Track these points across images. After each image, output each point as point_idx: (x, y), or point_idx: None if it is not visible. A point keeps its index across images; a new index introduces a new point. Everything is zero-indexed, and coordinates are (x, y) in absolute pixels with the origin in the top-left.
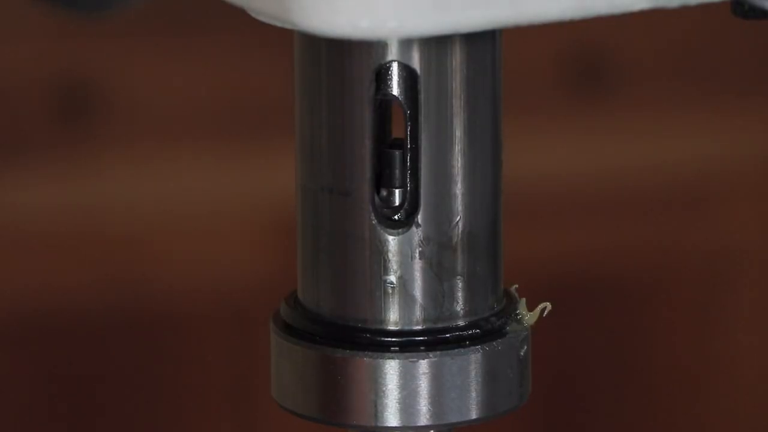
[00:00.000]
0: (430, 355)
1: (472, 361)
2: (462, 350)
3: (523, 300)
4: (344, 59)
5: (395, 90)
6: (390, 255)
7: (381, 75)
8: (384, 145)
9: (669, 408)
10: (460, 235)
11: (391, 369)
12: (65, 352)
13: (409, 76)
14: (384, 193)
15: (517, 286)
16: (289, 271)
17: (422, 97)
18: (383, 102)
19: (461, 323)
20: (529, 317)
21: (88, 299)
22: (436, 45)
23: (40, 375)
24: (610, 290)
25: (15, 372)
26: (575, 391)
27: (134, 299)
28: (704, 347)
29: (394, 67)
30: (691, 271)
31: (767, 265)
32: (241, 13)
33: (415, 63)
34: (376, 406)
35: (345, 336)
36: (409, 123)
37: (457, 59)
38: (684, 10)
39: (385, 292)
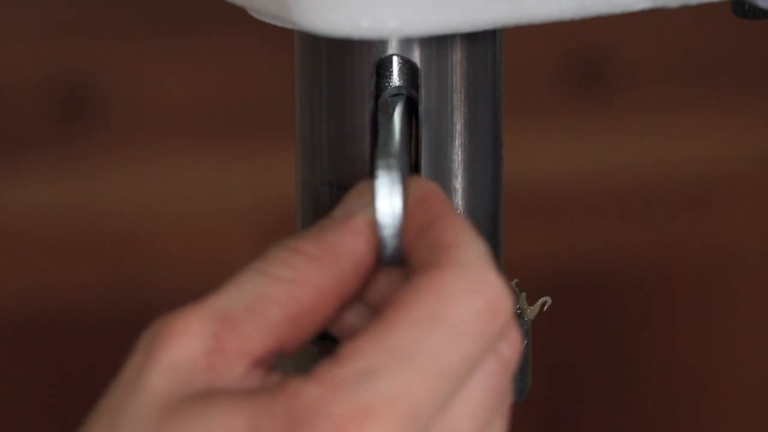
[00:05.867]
0: None
1: None
2: None
3: (524, 294)
4: (344, 53)
5: (395, 84)
6: None
7: (381, 69)
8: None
9: (668, 405)
10: None
11: None
12: (65, 351)
13: (409, 70)
14: None
15: (517, 280)
16: None
17: (422, 91)
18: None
19: None
20: (530, 311)
21: (88, 299)
22: (436, 40)
23: (39, 375)
24: (610, 288)
25: (15, 372)
26: (575, 387)
27: (134, 299)
28: (704, 346)
29: (395, 61)
30: (691, 271)
31: (767, 265)
32: (242, 13)
33: (416, 57)
34: None
35: None
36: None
37: (457, 54)
38: (684, 10)
39: None
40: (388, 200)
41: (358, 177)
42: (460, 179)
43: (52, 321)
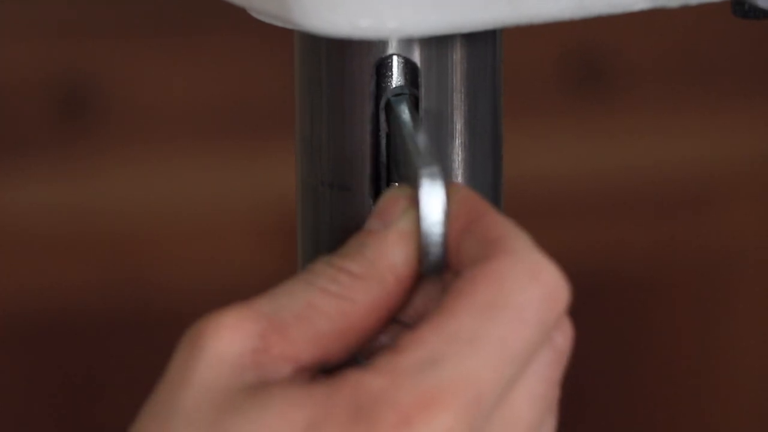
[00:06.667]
0: None
1: None
2: None
3: None
4: (344, 53)
5: (395, 84)
6: None
7: (381, 69)
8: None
9: (668, 405)
10: None
11: None
12: (65, 351)
13: (409, 69)
14: (384, 187)
15: None
16: (289, 270)
17: (422, 91)
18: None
19: None
20: None
21: (88, 299)
22: (436, 40)
23: (39, 375)
24: (610, 288)
25: (15, 372)
26: (574, 387)
27: (134, 299)
28: (704, 346)
29: (395, 60)
30: (691, 271)
31: (767, 265)
32: (242, 13)
33: (416, 57)
34: None
35: None
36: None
37: (457, 53)
38: (684, 10)
39: None
40: (432, 209)
41: (358, 177)
42: (460, 179)
43: (52, 321)
